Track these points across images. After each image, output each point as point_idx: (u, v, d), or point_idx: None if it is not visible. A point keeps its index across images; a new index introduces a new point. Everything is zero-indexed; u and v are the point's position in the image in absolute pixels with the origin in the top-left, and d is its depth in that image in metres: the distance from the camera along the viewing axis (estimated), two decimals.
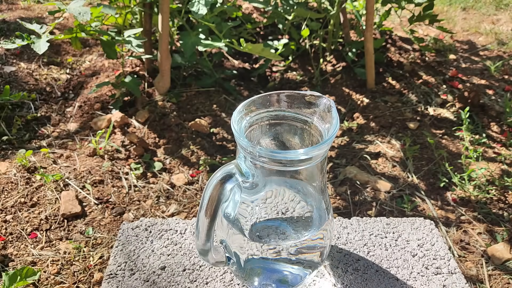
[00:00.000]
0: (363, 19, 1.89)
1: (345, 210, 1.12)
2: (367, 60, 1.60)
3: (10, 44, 1.16)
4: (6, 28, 2.02)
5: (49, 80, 1.68)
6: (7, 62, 1.75)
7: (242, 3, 2.23)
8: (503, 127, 1.47)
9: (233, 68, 1.79)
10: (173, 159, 1.27)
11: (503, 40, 2.12)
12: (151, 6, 1.52)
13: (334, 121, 0.37)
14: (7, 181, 1.12)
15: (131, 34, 1.34)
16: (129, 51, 1.66)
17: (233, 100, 1.55)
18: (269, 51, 1.33)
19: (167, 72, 1.48)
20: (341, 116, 1.54)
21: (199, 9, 1.33)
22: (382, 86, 1.68)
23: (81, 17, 1.16)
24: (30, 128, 1.41)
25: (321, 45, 1.81)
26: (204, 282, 0.48)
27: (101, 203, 1.09)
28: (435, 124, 1.49)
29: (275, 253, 0.41)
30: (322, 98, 0.39)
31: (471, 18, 2.42)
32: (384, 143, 1.38)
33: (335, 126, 0.36)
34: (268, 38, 1.93)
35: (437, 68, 1.84)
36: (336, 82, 1.70)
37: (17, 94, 1.49)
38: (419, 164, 1.28)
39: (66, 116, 1.48)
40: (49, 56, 1.83)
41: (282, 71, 1.80)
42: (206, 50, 1.56)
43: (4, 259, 0.92)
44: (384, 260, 0.51)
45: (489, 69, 1.84)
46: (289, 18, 1.68)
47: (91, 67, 1.77)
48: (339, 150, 1.36)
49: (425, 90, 1.66)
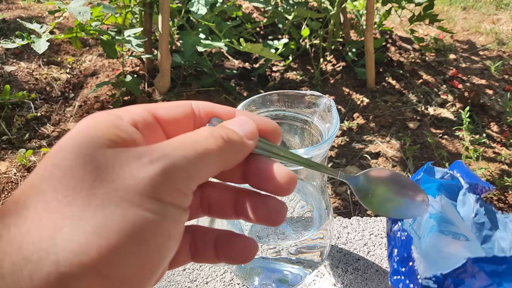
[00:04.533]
0: (363, 19, 1.89)
1: (345, 209, 1.12)
2: (367, 59, 1.60)
3: (10, 43, 1.16)
4: (6, 28, 2.02)
5: (49, 80, 1.68)
6: (7, 62, 1.75)
7: (242, 3, 2.23)
8: (503, 127, 1.47)
9: (233, 68, 1.79)
10: None
11: (503, 40, 2.12)
12: (151, 6, 1.52)
13: (334, 120, 0.37)
14: (7, 180, 1.12)
15: (131, 34, 1.34)
16: (129, 51, 1.66)
17: (233, 100, 1.55)
18: (269, 51, 1.33)
19: (167, 71, 1.48)
20: (341, 116, 1.54)
21: (199, 9, 1.33)
22: (382, 86, 1.68)
23: (81, 17, 1.16)
24: (30, 127, 1.41)
25: (321, 45, 1.81)
26: (204, 282, 0.48)
27: None
28: (435, 124, 1.49)
29: (275, 253, 0.41)
30: (322, 97, 0.39)
31: (471, 17, 2.42)
32: (384, 142, 1.38)
33: (335, 125, 0.36)
34: (268, 38, 1.93)
35: (437, 68, 1.84)
36: (336, 82, 1.70)
37: (17, 94, 1.49)
38: (419, 164, 1.28)
39: (66, 115, 1.48)
40: (49, 55, 1.83)
41: (282, 71, 1.80)
42: (206, 49, 1.56)
43: None
44: (384, 260, 0.51)
45: (489, 69, 1.84)
46: (289, 18, 1.68)
47: (91, 66, 1.77)
48: (339, 150, 1.36)
49: (425, 90, 1.66)
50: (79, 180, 0.17)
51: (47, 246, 0.15)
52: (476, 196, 0.40)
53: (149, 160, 0.18)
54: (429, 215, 0.44)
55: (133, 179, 0.17)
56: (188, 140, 0.20)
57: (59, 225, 0.16)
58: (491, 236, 0.39)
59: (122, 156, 0.18)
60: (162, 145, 0.19)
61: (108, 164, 0.18)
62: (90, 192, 0.17)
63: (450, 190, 0.43)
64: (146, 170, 0.17)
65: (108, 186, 0.17)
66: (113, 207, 0.16)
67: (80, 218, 0.16)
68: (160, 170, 0.18)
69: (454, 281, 0.30)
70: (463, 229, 0.43)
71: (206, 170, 0.20)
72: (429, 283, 0.31)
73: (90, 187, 0.17)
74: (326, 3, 1.78)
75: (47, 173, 0.17)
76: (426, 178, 0.42)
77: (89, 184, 0.17)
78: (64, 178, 0.17)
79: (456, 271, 0.30)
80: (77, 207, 0.16)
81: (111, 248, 0.16)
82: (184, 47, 1.41)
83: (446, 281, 0.30)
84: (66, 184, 0.17)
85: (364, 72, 1.66)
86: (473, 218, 0.40)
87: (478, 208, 0.40)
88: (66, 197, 0.17)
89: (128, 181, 0.17)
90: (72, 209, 0.16)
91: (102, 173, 0.17)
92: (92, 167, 0.17)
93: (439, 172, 0.42)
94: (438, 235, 0.44)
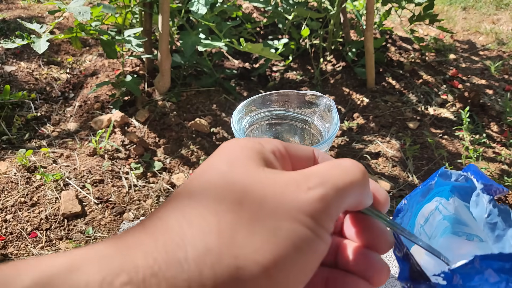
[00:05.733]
0: (363, 19, 1.89)
1: None
2: (367, 59, 1.60)
3: (10, 43, 1.16)
4: (6, 28, 2.02)
5: (49, 80, 1.68)
6: (7, 62, 1.75)
7: (242, 3, 2.22)
8: (503, 127, 1.47)
9: (233, 68, 1.79)
10: (173, 159, 1.27)
11: (503, 40, 2.12)
12: (151, 6, 1.52)
13: (334, 120, 0.37)
14: (7, 180, 1.12)
15: (131, 34, 1.34)
16: (129, 51, 1.66)
17: (233, 100, 1.55)
18: (269, 51, 1.33)
19: (167, 71, 1.48)
20: (341, 116, 1.54)
21: (199, 9, 1.33)
22: (382, 86, 1.68)
23: (81, 17, 1.16)
24: (30, 127, 1.41)
25: (321, 45, 1.81)
26: None
27: (101, 203, 1.09)
28: (435, 124, 1.49)
29: None
30: (322, 97, 0.39)
31: (471, 17, 2.41)
32: (384, 142, 1.38)
33: (335, 125, 0.36)
34: (268, 38, 1.93)
35: (437, 68, 1.84)
36: (336, 82, 1.70)
37: (17, 94, 1.49)
38: (419, 164, 1.28)
39: (66, 115, 1.48)
40: (49, 55, 1.83)
41: (282, 71, 1.80)
42: (206, 49, 1.56)
43: (4, 258, 0.92)
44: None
45: (489, 69, 1.83)
46: (289, 18, 1.68)
47: (91, 66, 1.77)
48: (339, 150, 1.36)
49: (425, 90, 1.66)
50: (244, 192, 0.20)
51: (227, 242, 0.18)
52: (490, 197, 0.40)
53: (306, 187, 0.20)
54: (443, 217, 0.44)
55: (296, 200, 0.20)
56: (336, 165, 0.22)
57: (235, 229, 0.18)
58: (504, 236, 0.39)
59: (279, 176, 0.21)
60: (314, 171, 0.22)
61: (270, 182, 0.20)
62: (258, 206, 0.19)
63: (463, 192, 0.43)
64: (306, 195, 0.20)
65: (274, 202, 0.19)
66: (281, 221, 0.19)
67: (253, 226, 0.18)
68: (318, 197, 0.20)
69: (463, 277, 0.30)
70: (476, 230, 0.43)
71: (351, 200, 0.22)
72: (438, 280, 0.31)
73: (257, 202, 0.19)
74: (326, 3, 1.78)
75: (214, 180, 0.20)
76: (440, 181, 0.42)
77: (255, 199, 0.19)
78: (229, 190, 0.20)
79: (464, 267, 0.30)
80: (248, 217, 0.19)
81: (281, 255, 0.18)
82: (184, 47, 1.41)
83: (455, 277, 0.30)
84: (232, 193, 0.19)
85: (364, 72, 1.66)
86: (486, 218, 0.40)
87: (492, 208, 0.40)
88: (237, 205, 0.19)
89: (292, 201, 0.20)
90: (243, 216, 0.19)
91: (266, 189, 0.20)
92: (255, 181, 0.20)
93: (454, 174, 0.42)
94: (451, 237, 0.44)
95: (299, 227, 0.19)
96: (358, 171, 0.22)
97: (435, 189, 0.43)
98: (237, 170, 0.20)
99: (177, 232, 0.18)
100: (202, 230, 0.18)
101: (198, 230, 0.18)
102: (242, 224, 0.18)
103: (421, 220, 0.42)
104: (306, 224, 0.19)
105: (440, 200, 0.45)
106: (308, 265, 0.19)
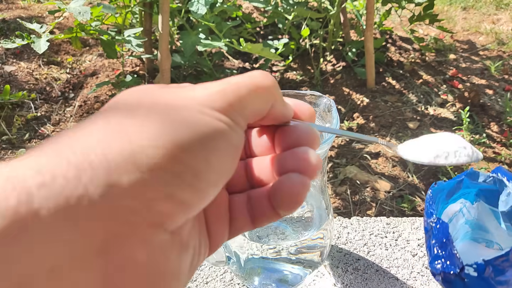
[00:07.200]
0: (363, 19, 1.89)
1: (345, 209, 1.12)
2: (367, 59, 1.60)
3: (10, 43, 1.16)
4: (6, 28, 2.02)
5: (49, 80, 1.68)
6: (7, 62, 1.75)
7: (242, 3, 2.23)
8: (503, 127, 1.47)
9: (233, 68, 1.79)
10: None
11: (503, 40, 2.12)
12: (151, 6, 1.52)
13: (334, 120, 0.37)
14: None
15: (131, 34, 1.34)
16: (129, 51, 1.66)
17: None
18: (269, 51, 1.33)
19: (167, 71, 1.48)
20: (341, 116, 1.54)
21: (199, 9, 1.33)
22: (382, 86, 1.68)
23: (81, 17, 1.16)
24: (30, 127, 1.41)
25: (321, 45, 1.81)
26: (204, 282, 0.48)
27: None
28: (435, 124, 1.49)
29: (275, 253, 0.41)
30: (322, 98, 0.39)
31: (471, 17, 2.42)
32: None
33: (335, 125, 0.36)
34: (268, 38, 1.93)
35: (437, 68, 1.84)
36: (336, 82, 1.70)
37: (17, 94, 1.49)
38: (419, 164, 1.29)
39: (66, 115, 1.48)
40: (49, 55, 1.83)
41: (282, 71, 1.80)
42: (206, 49, 1.56)
43: None
44: (384, 260, 0.51)
45: (489, 69, 1.84)
46: (289, 18, 1.68)
47: (91, 66, 1.77)
48: (339, 150, 1.36)
49: (425, 90, 1.66)
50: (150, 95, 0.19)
51: (117, 129, 0.17)
52: None
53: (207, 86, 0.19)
54: (465, 221, 0.44)
55: (194, 97, 0.19)
56: (243, 74, 0.21)
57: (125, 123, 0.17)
58: None
59: (181, 87, 0.20)
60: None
61: (172, 88, 0.20)
62: (155, 104, 0.18)
63: (489, 195, 0.43)
64: (205, 91, 0.19)
65: (172, 101, 0.18)
66: (177, 113, 0.18)
67: (148, 117, 0.17)
68: (216, 90, 0.19)
69: (495, 270, 0.30)
70: (498, 237, 0.43)
71: (257, 101, 0.20)
72: (469, 271, 0.31)
73: (168, 99, 0.19)
74: (326, 3, 1.78)
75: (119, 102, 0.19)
76: (467, 182, 0.42)
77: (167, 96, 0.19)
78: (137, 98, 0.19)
79: (498, 259, 0.30)
80: (143, 114, 0.18)
81: (183, 138, 0.17)
82: (184, 47, 1.41)
83: (488, 269, 0.30)
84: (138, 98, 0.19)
85: (364, 72, 1.66)
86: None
87: None
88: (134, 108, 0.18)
89: (191, 98, 0.19)
90: (138, 114, 0.18)
91: (168, 95, 0.19)
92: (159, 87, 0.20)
93: (482, 175, 0.42)
94: (470, 243, 0.44)
95: (198, 115, 0.18)
96: (263, 74, 0.21)
97: (462, 189, 0.43)
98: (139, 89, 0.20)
99: (70, 137, 0.18)
100: (91, 131, 0.17)
101: (88, 130, 0.17)
102: (137, 117, 0.17)
103: (445, 219, 0.42)
104: (205, 113, 0.18)
105: (465, 203, 0.44)
106: (221, 151, 0.18)
